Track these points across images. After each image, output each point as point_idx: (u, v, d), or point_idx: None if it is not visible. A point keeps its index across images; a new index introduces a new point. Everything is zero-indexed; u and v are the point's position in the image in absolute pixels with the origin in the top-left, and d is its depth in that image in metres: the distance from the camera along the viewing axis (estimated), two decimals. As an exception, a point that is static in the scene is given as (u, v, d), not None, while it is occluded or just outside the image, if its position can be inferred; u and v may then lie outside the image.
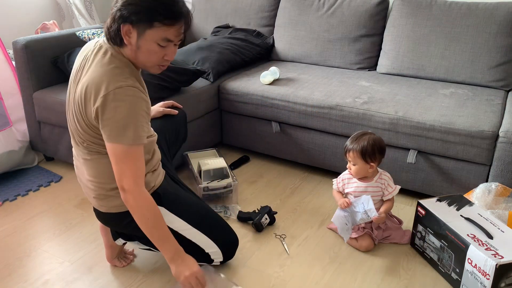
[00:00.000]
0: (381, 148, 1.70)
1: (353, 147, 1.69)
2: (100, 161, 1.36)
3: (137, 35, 1.26)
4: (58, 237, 1.81)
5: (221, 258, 1.55)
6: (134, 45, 1.28)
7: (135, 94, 1.25)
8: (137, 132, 1.26)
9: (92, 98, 1.24)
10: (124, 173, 1.27)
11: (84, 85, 1.26)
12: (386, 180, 1.73)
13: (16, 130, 2.30)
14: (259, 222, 1.81)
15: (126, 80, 1.25)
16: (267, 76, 2.32)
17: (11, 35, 2.67)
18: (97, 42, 1.35)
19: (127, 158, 1.27)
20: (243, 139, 2.47)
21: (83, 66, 1.32)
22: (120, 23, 1.25)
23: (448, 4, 2.36)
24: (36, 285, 1.55)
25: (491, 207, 1.67)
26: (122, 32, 1.25)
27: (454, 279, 1.52)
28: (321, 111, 2.12)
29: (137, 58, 1.31)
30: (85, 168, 1.40)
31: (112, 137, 1.25)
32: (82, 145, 1.36)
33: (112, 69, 1.26)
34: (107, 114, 1.23)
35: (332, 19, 2.61)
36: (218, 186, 1.96)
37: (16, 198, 2.09)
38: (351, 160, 1.71)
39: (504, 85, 2.25)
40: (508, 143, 1.76)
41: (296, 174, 2.32)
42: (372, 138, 1.69)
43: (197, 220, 1.50)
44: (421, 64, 2.39)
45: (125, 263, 1.64)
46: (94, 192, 1.41)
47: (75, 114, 1.32)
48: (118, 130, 1.24)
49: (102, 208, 1.43)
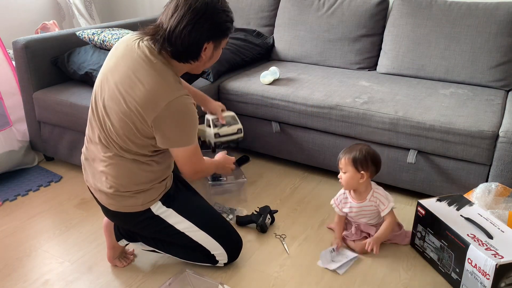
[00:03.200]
0: (374, 159, 1.65)
1: (345, 155, 1.66)
2: (122, 165, 1.38)
3: (213, 47, 1.35)
4: (58, 237, 1.81)
5: (226, 259, 1.57)
6: (208, 57, 1.36)
7: (191, 102, 1.32)
8: (196, 132, 1.38)
9: (153, 106, 1.27)
10: (194, 166, 1.44)
11: (144, 93, 1.28)
12: (378, 198, 1.67)
13: (16, 130, 2.30)
14: (264, 223, 1.81)
15: (181, 89, 1.31)
16: (267, 76, 2.32)
17: (11, 35, 2.67)
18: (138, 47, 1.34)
19: (195, 154, 1.41)
20: (243, 139, 2.46)
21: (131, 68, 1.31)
22: (204, 42, 1.30)
23: (448, 4, 2.36)
24: (36, 285, 1.55)
25: (491, 207, 1.67)
26: (202, 49, 1.32)
27: (454, 279, 1.52)
28: (321, 111, 2.12)
29: (202, 66, 1.40)
30: (105, 165, 1.40)
31: (178, 143, 1.35)
32: (112, 145, 1.37)
33: (168, 79, 1.30)
34: (171, 123, 1.29)
35: (332, 19, 2.61)
36: (229, 132, 1.87)
37: (16, 198, 2.09)
38: (342, 168, 1.67)
39: (504, 85, 2.25)
40: (508, 143, 1.76)
41: (296, 174, 2.32)
42: (366, 148, 1.66)
43: (203, 222, 1.52)
44: (421, 64, 2.39)
45: (125, 263, 1.65)
46: (108, 187, 1.41)
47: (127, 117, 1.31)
48: (183, 136, 1.34)
49: (111, 206, 1.44)
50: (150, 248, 1.60)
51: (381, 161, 1.68)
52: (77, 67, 2.21)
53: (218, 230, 1.55)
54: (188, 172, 1.45)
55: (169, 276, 1.56)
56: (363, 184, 1.67)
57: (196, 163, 1.45)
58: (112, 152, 1.38)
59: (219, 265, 1.58)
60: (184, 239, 1.50)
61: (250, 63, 2.69)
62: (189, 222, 1.49)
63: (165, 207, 1.47)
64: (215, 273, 1.60)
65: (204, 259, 1.57)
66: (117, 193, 1.41)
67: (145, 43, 1.34)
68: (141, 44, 1.34)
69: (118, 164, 1.38)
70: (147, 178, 1.41)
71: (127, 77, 1.31)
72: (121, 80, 1.32)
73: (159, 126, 1.30)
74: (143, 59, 1.31)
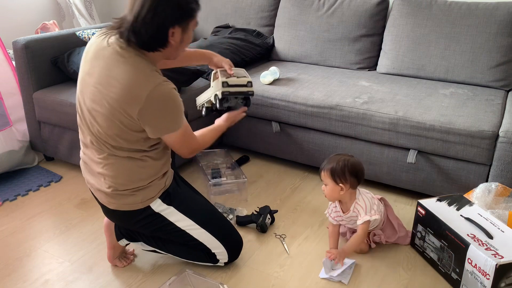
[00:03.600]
0: (353, 170, 1.57)
1: (325, 166, 1.61)
2: (118, 164, 1.38)
3: (181, 31, 1.31)
4: (58, 237, 1.81)
5: (227, 258, 1.57)
6: (178, 42, 1.32)
7: (171, 87, 1.31)
8: (183, 115, 1.37)
9: (134, 100, 1.26)
10: (189, 146, 1.44)
11: (121, 89, 1.27)
12: (357, 209, 1.60)
13: (16, 130, 2.30)
14: (264, 223, 1.81)
15: (159, 77, 1.30)
16: (267, 76, 2.32)
17: (11, 35, 2.67)
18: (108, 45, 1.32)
19: (186, 135, 1.40)
20: (243, 139, 2.47)
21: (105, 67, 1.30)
22: (168, 28, 1.27)
23: (448, 4, 2.36)
24: (36, 285, 1.55)
25: (491, 207, 1.67)
26: (169, 35, 1.28)
27: (454, 279, 1.52)
28: (321, 111, 2.12)
29: (175, 52, 1.36)
30: (101, 167, 1.40)
31: (168, 129, 1.34)
32: (104, 146, 1.37)
33: (143, 70, 1.28)
34: (154, 113, 1.28)
35: (332, 19, 2.60)
36: (238, 83, 1.63)
37: (16, 198, 2.09)
38: (323, 180, 1.62)
39: (504, 85, 2.25)
40: (508, 143, 1.76)
41: (296, 174, 2.32)
42: (345, 159, 1.58)
43: (204, 220, 1.52)
44: (421, 64, 2.39)
45: (125, 263, 1.65)
46: (107, 187, 1.41)
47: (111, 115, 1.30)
48: (171, 122, 1.34)
49: (111, 205, 1.44)
50: (151, 248, 1.60)
51: (362, 171, 1.60)
52: (77, 67, 2.20)
53: (219, 228, 1.55)
54: (185, 153, 1.45)
55: (169, 276, 1.56)
56: (346, 195, 1.61)
57: (190, 142, 1.44)
58: (106, 153, 1.38)
59: (220, 264, 1.58)
60: (185, 237, 1.50)
61: (250, 63, 2.69)
62: (190, 220, 1.49)
63: (166, 204, 1.47)
64: (215, 273, 1.60)
65: (205, 258, 1.57)
66: (116, 192, 1.41)
67: (113, 39, 1.32)
68: (110, 41, 1.32)
69: (114, 164, 1.38)
70: (144, 175, 1.41)
71: (104, 76, 1.30)
72: (99, 81, 1.31)
73: (145, 118, 1.29)
74: (115, 55, 1.30)
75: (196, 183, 2.20)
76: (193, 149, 1.47)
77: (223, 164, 2.32)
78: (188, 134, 1.43)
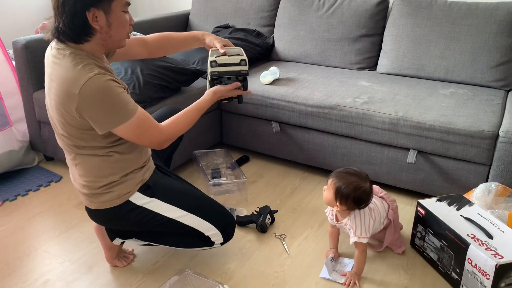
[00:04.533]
0: (358, 199, 1.50)
1: (335, 178, 1.53)
2: (86, 162, 1.38)
3: (104, 14, 1.25)
4: (58, 237, 1.81)
5: (221, 239, 1.54)
6: (105, 26, 1.27)
7: (105, 79, 1.25)
8: (129, 105, 1.29)
9: (69, 99, 1.24)
10: (151, 138, 1.36)
11: (57, 89, 1.26)
12: (351, 225, 1.55)
13: (16, 130, 2.30)
14: (264, 223, 1.81)
15: (91, 71, 1.24)
16: (267, 76, 2.32)
17: (11, 35, 2.67)
18: (51, 47, 1.33)
19: (141, 128, 1.33)
20: (243, 139, 2.47)
21: (49, 73, 1.32)
22: (83, 12, 1.22)
23: (448, 4, 2.36)
24: (36, 285, 1.55)
25: (491, 207, 1.67)
26: (89, 20, 1.24)
27: (454, 279, 1.52)
28: (321, 111, 2.12)
29: (110, 38, 1.30)
30: (76, 169, 1.42)
31: (114, 123, 1.28)
32: (69, 147, 1.37)
33: (74, 67, 1.25)
34: (92, 108, 1.25)
35: (332, 19, 2.61)
36: (229, 61, 1.51)
37: (16, 198, 2.09)
38: (327, 186, 1.56)
39: (504, 85, 2.25)
40: (508, 143, 1.76)
41: (296, 174, 2.32)
42: (356, 186, 1.49)
43: (191, 206, 1.49)
44: (421, 64, 2.40)
45: (125, 263, 1.65)
46: (84, 188, 1.42)
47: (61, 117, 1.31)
48: (114, 114, 1.27)
49: (92, 205, 1.44)
50: (145, 242, 1.59)
51: (368, 199, 1.52)
52: (77, 67, 2.20)
53: (207, 210, 1.52)
54: (151, 145, 1.38)
55: (169, 276, 1.56)
56: (341, 211, 1.56)
57: (151, 133, 1.36)
58: (73, 153, 1.38)
59: (216, 246, 1.54)
60: (175, 226, 1.48)
61: (250, 63, 2.68)
62: (176, 208, 1.47)
63: (148, 197, 1.45)
64: (215, 273, 1.60)
65: (200, 243, 1.54)
66: (92, 191, 1.41)
67: (53, 43, 1.33)
68: (52, 45, 1.33)
69: (82, 163, 1.38)
70: (114, 170, 1.39)
71: (48, 81, 1.32)
72: (47, 86, 1.33)
73: (84, 114, 1.26)
74: (52, 58, 1.30)
75: (196, 183, 2.20)
76: (160, 140, 1.39)
77: (223, 164, 2.33)
78: (146, 125, 1.34)
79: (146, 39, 1.64)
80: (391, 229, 1.68)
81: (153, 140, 1.37)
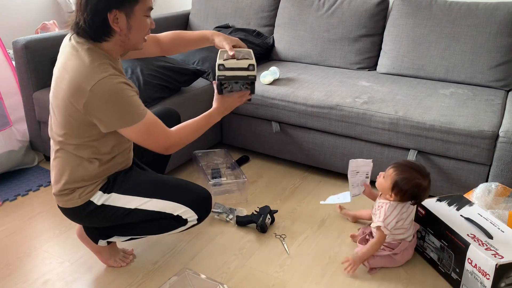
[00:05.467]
0: (414, 195, 1.54)
1: (397, 169, 1.56)
2: (65, 159, 1.38)
3: (125, 16, 1.26)
4: (58, 237, 1.81)
5: (194, 215, 1.48)
6: (125, 28, 1.28)
7: (118, 81, 1.26)
8: (138, 108, 1.30)
9: (79, 93, 1.25)
10: (157, 142, 1.37)
11: (69, 81, 1.27)
12: (379, 210, 1.60)
13: (16, 130, 2.30)
14: (264, 223, 1.81)
15: (106, 71, 1.25)
16: (267, 76, 2.32)
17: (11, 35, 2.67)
18: (70, 38, 1.34)
19: (148, 132, 1.33)
20: (243, 139, 2.47)
21: (63, 63, 1.32)
22: (105, 12, 1.24)
23: (448, 4, 2.36)
24: (36, 285, 1.55)
25: (491, 207, 1.67)
26: (110, 21, 1.25)
27: (454, 279, 1.52)
28: (321, 111, 2.12)
29: (128, 40, 1.32)
30: (52, 159, 1.43)
31: (120, 124, 1.29)
32: (57, 138, 1.37)
33: (91, 63, 1.26)
34: (101, 107, 1.25)
35: (332, 19, 2.60)
36: (237, 66, 1.45)
37: (16, 198, 2.09)
38: (385, 174, 1.60)
39: (504, 85, 2.25)
40: (508, 143, 1.76)
41: (296, 174, 2.32)
42: (417, 183, 1.52)
43: (152, 191, 1.46)
44: (421, 64, 2.39)
45: (123, 263, 1.64)
46: (54, 183, 1.44)
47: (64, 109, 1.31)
48: (122, 116, 1.28)
49: (59, 202, 1.46)
50: (127, 238, 1.58)
51: (423, 197, 1.56)
52: (77, 67, 2.20)
53: (170, 191, 1.48)
54: (157, 148, 1.39)
55: (169, 276, 1.56)
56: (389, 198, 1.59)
57: (158, 138, 1.36)
58: (58, 146, 1.38)
59: (192, 222, 1.49)
60: (140, 214, 1.45)
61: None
62: (135, 197, 1.45)
63: (106, 194, 1.44)
64: (215, 273, 1.60)
65: (174, 224, 1.50)
66: (59, 189, 1.42)
67: (73, 35, 1.33)
68: (71, 37, 1.34)
69: (61, 158, 1.39)
70: (86, 177, 1.40)
71: (61, 70, 1.32)
72: (57, 75, 1.33)
73: (91, 112, 1.27)
74: (70, 49, 1.31)
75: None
76: (166, 145, 1.39)
77: (223, 164, 2.33)
78: (154, 130, 1.35)
79: (160, 38, 1.64)
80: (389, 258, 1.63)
81: (159, 145, 1.38)
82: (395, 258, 1.61)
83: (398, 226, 1.58)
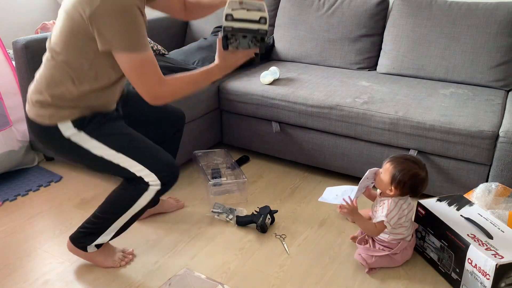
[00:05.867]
0: (414, 187, 1.55)
1: (393, 163, 1.57)
2: (51, 67, 1.37)
3: None
4: (58, 237, 1.81)
5: (157, 180, 1.44)
6: None
7: (132, 3, 1.23)
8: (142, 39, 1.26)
9: (89, 1, 1.23)
10: (147, 84, 1.30)
11: None
12: (381, 206, 1.60)
13: (16, 130, 2.30)
14: (264, 223, 1.81)
15: None
16: (267, 76, 2.32)
17: (11, 35, 2.67)
18: None
19: (143, 67, 1.28)
20: (243, 139, 2.47)
21: None
22: None
23: (448, 4, 2.36)
24: (36, 285, 1.55)
25: (491, 207, 1.67)
26: None
27: (454, 279, 1.52)
28: (321, 111, 2.12)
29: None
30: (42, 67, 1.41)
31: (117, 45, 1.26)
32: (52, 46, 1.35)
33: None
34: (105, 21, 1.23)
35: (332, 19, 2.60)
36: (247, 17, 1.31)
37: (16, 198, 2.09)
38: (382, 168, 1.62)
39: (504, 85, 2.25)
40: (508, 143, 1.76)
41: (296, 174, 2.32)
42: (415, 173, 1.54)
43: (121, 146, 1.43)
44: (421, 64, 2.39)
45: (123, 262, 1.63)
46: (30, 93, 1.41)
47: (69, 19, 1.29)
48: (123, 38, 1.25)
49: (29, 112, 1.43)
50: (112, 235, 1.56)
51: (422, 189, 1.57)
52: (77, 67, 2.20)
53: (140, 152, 1.44)
54: (147, 93, 1.32)
55: (169, 276, 1.56)
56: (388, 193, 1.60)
57: (151, 79, 1.30)
58: (50, 54, 1.37)
59: (155, 187, 1.45)
60: (103, 164, 1.43)
61: (249, 63, 2.69)
62: (104, 145, 1.41)
63: (76, 129, 1.40)
64: (215, 273, 1.60)
65: (134, 185, 1.46)
66: (36, 99, 1.39)
67: None
68: None
69: (49, 67, 1.37)
70: (65, 96, 1.37)
71: None
72: None
73: (95, 22, 1.24)
74: None
75: (196, 183, 2.21)
76: (157, 92, 1.33)
77: (223, 164, 2.33)
78: (148, 70, 1.29)
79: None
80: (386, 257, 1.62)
81: (150, 88, 1.31)
82: (394, 258, 1.61)
83: (400, 223, 1.58)
